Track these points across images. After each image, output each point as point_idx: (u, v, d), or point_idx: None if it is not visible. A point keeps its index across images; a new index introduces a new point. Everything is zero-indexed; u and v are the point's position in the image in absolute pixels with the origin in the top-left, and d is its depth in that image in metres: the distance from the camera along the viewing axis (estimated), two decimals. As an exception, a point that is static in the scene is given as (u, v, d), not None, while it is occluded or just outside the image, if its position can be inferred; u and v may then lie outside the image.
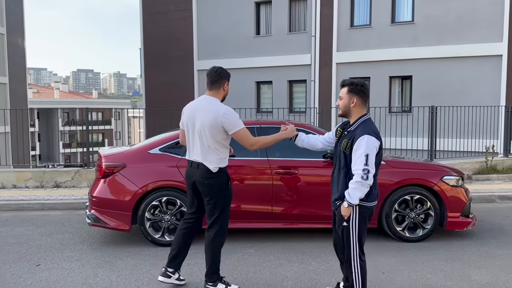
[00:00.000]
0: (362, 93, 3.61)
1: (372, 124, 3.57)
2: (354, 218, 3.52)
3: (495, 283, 4.33)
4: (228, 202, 4.03)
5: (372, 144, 3.42)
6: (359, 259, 3.58)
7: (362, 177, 3.37)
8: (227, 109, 3.89)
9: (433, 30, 15.56)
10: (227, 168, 4.05)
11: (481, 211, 7.48)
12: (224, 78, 4.02)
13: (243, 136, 3.88)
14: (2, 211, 7.59)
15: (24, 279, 4.47)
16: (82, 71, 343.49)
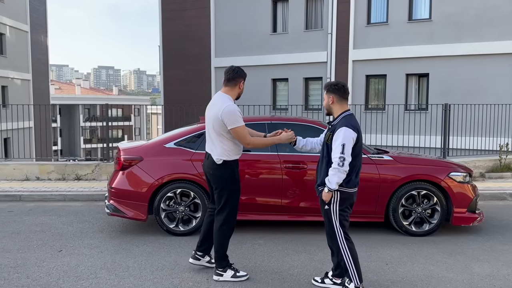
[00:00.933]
0: (338, 91, 4.00)
1: (352, 119, 3.93)
2: (335, 202, 3.89)
3: (495, 276, 4.46)
4: (234, 194, 4.23)
5: (349, 135, 3.79)
6: (345, 240, 3.89)
7: (338, 164, 3.75)
8: (231, 105, 4.11)
9: (450, 28, 15.48)
10: (235, 161, 4.25)
11: (491, 208, 7.56)
12: (240, 77, 4.29)
13: (239, 134, 4.10)
14: (27, 201, 7.98)
15: (48, 263, 4.78)
16: (103, 68, 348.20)
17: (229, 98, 4.21)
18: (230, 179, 4.21)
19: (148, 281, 4.29)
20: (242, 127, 4.11)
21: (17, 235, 5.82)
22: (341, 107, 4.00)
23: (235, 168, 4.26)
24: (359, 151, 3.93)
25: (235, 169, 4.26)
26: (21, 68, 29.27)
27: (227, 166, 4.19)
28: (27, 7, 29.89)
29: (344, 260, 3.87)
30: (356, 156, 3.88)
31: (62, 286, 4.17)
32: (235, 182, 4.24)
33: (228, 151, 4.17)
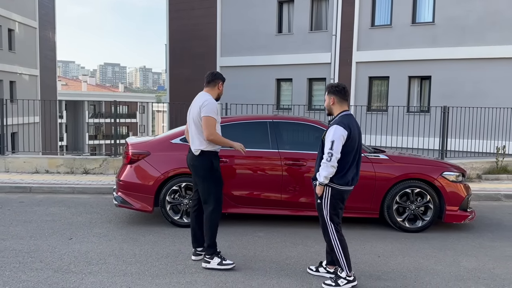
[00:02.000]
0: (338, 93, 4.26)
1: (347, 118, 4.16)
2: (326, 197, 4.15)
3: (481, 269, 4.72)
4: (215, 184, 4.53)
5: (339, 133, 4.03)
6: (336, 233, 4.15)
7: (326, 159, 4.02)
8: (210, 99, 4.53)
9: (453, 31, 15.69)
10: (213, 152, 4.54)
11: (485, 207, 7.81)
12: (219, 79, 4.70)
13: (208, 123, 4.43)
14: (37, 193, 8.29)
15: (59, 249, 5.07)
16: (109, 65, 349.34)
17: (208, 95, 4.60)
18: (209, 169, 4.52)
19: (153, 267, 4.58)
20: (213, 119, 4.44)
21: (29, 224, 6.12)
22: (340, 108, 4.24)
23: (213, 159, 4.55)
24: (351, 148, 4.10)
25: (214, 159, 4.55)
26: (29, 64, 29.69)
27: (205, 156, 4.51)
28: (36, 3, 30.30)
29: (335, 251, 4.14)
30: (348, 153, 4.08)
31: (73, 270, 4.46)
32: (214, 172, 4.53)
33: (205, 142, 4.50)
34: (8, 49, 27.55)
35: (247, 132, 6.36)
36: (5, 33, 27.04)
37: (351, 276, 4.13)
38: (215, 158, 4.58)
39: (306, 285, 4.22)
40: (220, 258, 4.55)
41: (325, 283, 4.15)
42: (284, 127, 6.34)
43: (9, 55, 27.53)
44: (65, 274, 4.34)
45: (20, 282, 4.15)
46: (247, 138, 6.27)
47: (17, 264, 4.60)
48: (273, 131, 6.21)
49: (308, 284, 4.24)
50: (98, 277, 4.30)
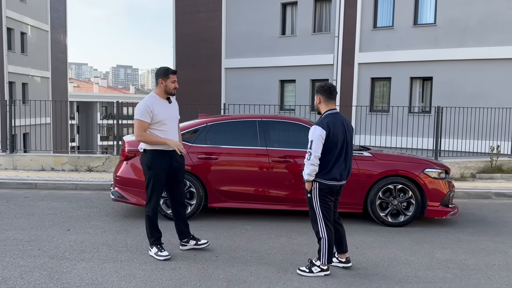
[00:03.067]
0: (324, 92, 4.47)
1: (329, 117, 4.37)
2: (315, 191, 4.41)
3: (453, 260, 4.95)
4: (151, 179, 4.79)
5: (317, 133, 4.28)
6: (324, 225, 4.40)
7: (307, 158, 4.33)
8: (143, 100, 4.77)
9: (454, 33, 15.83)
10: (156, 151, 4.76)
11: (474, 205, 8.01)
12: (158, 76, 4.82)
13: (135, 125, 4.72)
14: (42, 189, 8.68)
15: (57, 239, 5.42)
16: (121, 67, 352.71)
17: (152, 95, 4.84)
18: (147, 166, 4.81)
19: (142, 255, 4.90)
20: (139, 121, 4.67)
21: (31, 217, 6.49)
22: (326, 107, 4.45)
23: (154, 158, 4.77)
24: (333, 146, 4.30)
25: (153, 158, 4.77)
26: (41, 66, 30.38)
27: (146, 154, 4.81)
28: (47, 7, 31.00)
29: (321, 241, 4.39)
30: (330, 151, 4.29)
31: (67, 257, 4.80)
32: (151, 169, 4.78)
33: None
34: (21, 52, 28.26)
35: (237, 130, 6.66)
36: (18, 36, 27.75)
37: (326, 266, 4.38)
38: (156, 156, 4.77)
39: (281, 271, 4.50)
40: (157, 249, 4.81)
41: (300, 269, 4.42)
42: (272, 125, 6.63)
43: (22, 57, 28.23)
44: (60, 261, 4.68)
45: (18, 267, 4.49)
46: (237, 136, 6.59)
47: (17, 251, 4.95)
48: (261, 130, 6.50)
49: (284, 271, 4.52)
50: (89, 263, 4.63)
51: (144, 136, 4.72)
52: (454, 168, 10.12)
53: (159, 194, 4.91)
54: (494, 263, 4.88)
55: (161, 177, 4.84)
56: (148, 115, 4.69)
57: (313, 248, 5.24)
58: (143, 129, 4.69)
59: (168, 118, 4.82)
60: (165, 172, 4.85)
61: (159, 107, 4.77)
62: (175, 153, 4.86)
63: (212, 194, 6.38)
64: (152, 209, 4.88)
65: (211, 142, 6.50)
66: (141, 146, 4.91)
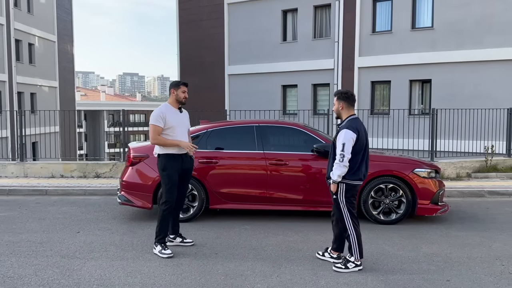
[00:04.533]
0: (347, 99, 4.81)
1: (355, 122, 4.71)
2: (341, 192, 4.71)
3: (438, 254, 5.26)
4: (165, 182, 5.24)
5: (349, 136, 4.58)
6: (352, 223, 4.71)
7: (339, 160, 4.58)
8: (158, 108, 5.27)
9: (452, 35, 16.12)
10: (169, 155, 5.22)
11: (466, 203, 8.30)
12: (170, 87, 5.37)
13: (150, 130, 5.21)
14: (52, 195, 9.09)
15: (67, 241, 5.80)
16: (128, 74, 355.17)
17: (165, 104, 5.35)
18: (162, 169, 5.27)
19: (147, 253, 5.26)
20: (153, 126, 5.17)
21: (43, 221, 6.89)
22: (348, 112, 4.79)
23: (168, 161, 5.24)
24: (360, 148, 4.65)
25: (168, 161, 5.24)
26: (48, 76, 31.03)
27: (160, 158, 5.28)
28: (54, 18, 31.69)
29: (350, 239, 4.71)
30: (357, 153, 4.64)
31: (78, 256, 5.17)
32: (165, 171, 5.23)
33: (158, 147, 5.28)
34: (29, 63, 28.91)
35: (236, 135, 7.02)
36: (26, 47, 28.40)
37: (359, 261, 4.70)
38: (169, 160, 5.25)
39: (276, 266, 4.84)
40: (161, 247, 5.18)
41: (336, 266, 4.71)
42: (269, 130, 6.99)
43: (29, 68, 28.88)
44: (71, 259, 5.05)
45: (33, 265, 4.87)
46: (236, 141, 6.96)
47: (30, 252, 5.33)
48: (259, 134, 6.85)
49: (278, 265, 4.85)
50: (98, 261, 5.00)
51: (158, 139, 5.19)
52: (450, 168, 10.41)
53: (173, 193, 5.31)
54: (477, 256, 5.18)
55: (175, 178, 5.30)
56: (161, 120, 5.19)
57: (307, 245, 5.58)
58: (157, 133, 5.19)
59: (178, 125, 5.31)
60: (177, 173, 5.31)
61: (170, 114, 5.28)
62: (185, 157, 5.35)
63: (213, 196, 6.74)
64: (168, 207, 5.28)
65: (212, 147, 6.87)
66: (156, 151, 5.34)
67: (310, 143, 6.72)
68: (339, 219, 4.83)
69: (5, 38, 25.78)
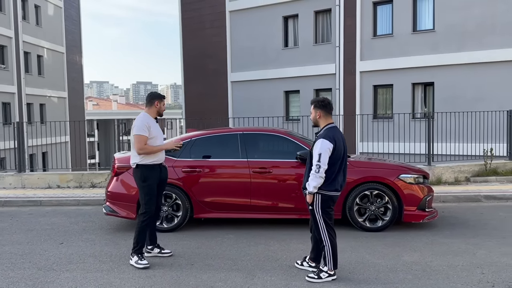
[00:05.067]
0: (324, 107, 4.71)
1: (332, 131, 4.60)
2: (318, 203, 4.59)
3: (418, 262, 5.13)
4: (145, 192, 5.20)
5: (325, 146, 4.48)
6: (328, 234, 4.60)
7: (315, 171, 4.46)
8: (139, 116, 5.25)
9: (453, 37, 15.91)
10: (148, 165, 5.19)
11: (460, 208, 8.14)
12: (154, 99, 5.32)
13: (135, 140, 5.15)
14: (46, 206, 9.16)
15: (49, 252, 5.81)
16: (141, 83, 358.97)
17: (145, 114, 5.30)
18: (142, 180, 5.22)
19: (123, 265, 5.24)
20: (139, 136, 5.11)
21: (30, 232, 6.93)
22: (325, 121, 4.68)
23: (146, 171, 5.20)
24: (337, 158, 4.54)
25: (146, 172, 5.19)
26: (57, 87, 31.46)
27: (138, 169, 5.22)
28: (62, 30, 32.18)
29: (325, 249, 4.60)
30: (334, 163, 4.52)
31: (54, 268, 5.18)
32: (146, 181, 5.18)
33: (139, 156, 5.21)
34: (38, 74, 29.37)
35: (220, 144, 6.99)
36: (34, 59, 28.88)
37: (333, 271, 4.59)
38: (147, 170, 5.22)
39: (249, 276, 4.77)
40: (138, 258, 5.15)
41: (309, 276, 4.62)
42: (252, 138, 6.93)
43: (38, 79, 29.34)
44: (47, 272, 5.06)
45: (8, 278, 4.88)
46: (220, 150, 6.92)
47: (9, 264, 5.35)
48: (243, 142, 6.81)
49: (252, 276, 4.79)
50: (73, 273, 4.99)
51: (145, 148, 5.16)
52: (448, 173, 10.22)
53: (152, 204, 5.29)
54: (458, 264, 5.05)
55: (154, 188, 5.28)
56: (146, 130, 5.19)
57: (286, 254, 5.50)
58: (144, 142, 5.16)
59: (159, 135, 5.35)
60: (156, 184, 5.30)
61: (152, 124, 5.30)
62: (162, 167, 5.39)
63: (197, 206, 6.71)
64: (147, 218, 5.25)
65: (195, 155, 6.84)
66: (133, 161, 5.29)
67: (294, 150, 6.64)
68: (315, 230, 4.74)
69: (14, 51, 26.26)
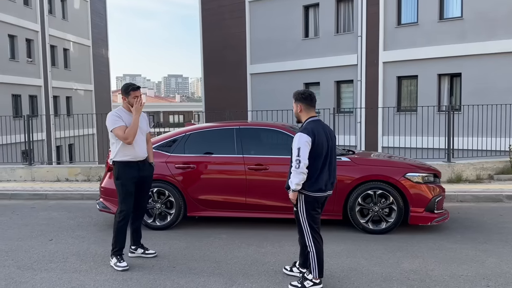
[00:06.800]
0: (304, 100, 4.31)
1: (312, 124, 4.20)
2: (301, 205, 4.21)
3: (418, 270, 4.67)
4: (119, 191, 4.95)
5: (303, 139, 4.07)
6: (312, 238, 4.20)
7: (295, 166, 4.06)
8: (110, 112, 4.94)
9: (482, 25, 14.99)
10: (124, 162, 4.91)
11: (479, 209, 7.56)
12: (122, 93, 5.01)
13: (116, 134, 4.84)
14: (51, 199, 9.11)
15: (35, 249, 5.66)
16: (173, 76, 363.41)
17: (120, 109, 5.00)
18: (115, 177, 4.97)
19: (104, 265, 5.01)
20: (115, 129, 4.83)
21: (25, 227, 6.82)
22: (307, 114, 4.29)
23: (120, 169, 4.93)
24: (319, 154, 4.11)
25: (121, 169, 4.93)
26: (84, 80, 31.90)
27: (116, 166, 4.96)
28: (89, 23, 32.55)
29: (310, 255, 4.22)
30: (316, 159, 4.09)
31: (34, 267, 5.00)
32: (119, 179, 4.94)
33: (116, 153, 4.93)
34: (64, 67, 29.82)
35: (215, 139, 6.67)
36: (61, 52, 29.32)
37: (318, 279, 4.19)
38: (124, 167, 4.94)
39: (229, 282, 4.44)
40: (117, 260, 4.90)
41: (292, 284, 4.26)
42: (249, 133, 6.57)
43: (65, 72, 29.79)
44: (25, 271, 4.88)
45: (-16, 277, 4.74)
46: (215, 145, 6.60)
47: (-9, 261, 5.22)
48: (239, 137, 6.46)
49: (232, 282, 4.46)
50: (50, 273, 4.80)
51: (128, 134, 4.82)
52: (469, 170, 9.57)
53: (129, 204, 5.01)
54: (462, 273, 4.56)
55: (129, 187, 4.98)
56: (119, 119, 4.90)
57: (276, 258, 5.15)
58: (123, 130, 4.85)
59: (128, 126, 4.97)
60: (132, 182, 4.99)
61: (125, 117, 4.96)
62: (142, 164, 5.04)
63: (190, 203, 6.42)
64: (123, 218, 5.00)
65: (190, 151, 6.55)
66: (111, 158, 5.06)
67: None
68: (299, 234, 4.36)
69: (40, 45, 26.70)
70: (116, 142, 4.96)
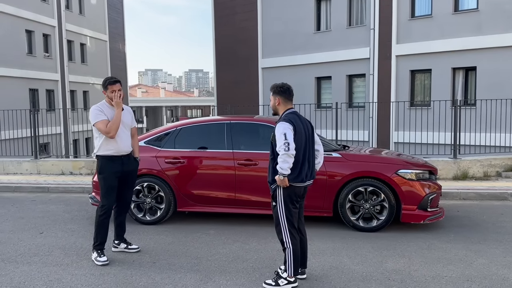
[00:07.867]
0: (283, 93, 4.25)
1: (290, 115, 4.14)
2: (280, 199, 4.13)
3: (401, 270, 4.51)
4: (101, 185, 4.93)
5: (286, 125, 4.01)
6: (289, 234, 4.11)
7: (284, 149, 3.93)
8: (93, 106, 4.92)
9: (499, 17, 14.49)
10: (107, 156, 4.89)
11: (480, 207, 7.32)
12: (102, 87, 5.03)
13: (99, 128, 4.82)
14: (52, 192, 9.21)
15: (23, 242, 5.71)
16: (193, 71, 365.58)
17: (103, 103, 4.98)
18: (98, 171, 4.94)
19: (85, 259, 5.01)
20: (97, 123, 4.81)
21: (20, 220, 6.90)
22: (285, 107, 4.24)
23: (103, 163, 4.89)
24: (299, 146, 4.04)
25: (103, 163, 4.90)
26: (100, 75, 32.20)
27: (98, 160, 4.93)
28: (105, 18, 32.86)
29: (286, 252, 4.13)
30: (297, 151, 4.00)
31: (18, 260, 5.04)
32: (101, 174, 4.91)
33: (99, 147, 4.90)
34: (81, 62, 30.21)
35: (205, 133, 6.61)
36: (78, 47, 29.70)
37: (293, 278, 4.10)
38: (107, 161, 4.92)
39: (204, 279, 4.38)
40: (97, 254, 4.89)
41: (266, 282, 4.18)
42: (240, 127, 6.47)
43: (82, 67, 30.18)
44: (7, 264, 4.92)
45: (-33, 269, 4.79)
46: (205, 140, 6.54)
47: (-22, 254, 5.28)
48: (229, 132, 6.37)
49: (207, 279, 4.39)
50: (32, 266, 4.82)
51: (111, 127, 4.81)
52: (476, 166, 9.26)
53: (111, 198, 4.98)
54: (447, 274, 4.39)
55: (111, 182, 4.96)
56: (101, 113, 4.88)
57: (258, 255, 5.06)
58: (105, 124, 4.83)
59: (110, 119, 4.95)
60: (115, 177, 4.97)
61: (107, 111, 4.94)
62: (126, 158, 5.01)
63: (180, 198, 6.38)
64: (104, 213, 4.98)
65: (180, 146, 6.50)
66: (94, 152, 5.05)
67: (284, 141, 6.11)
68: (277, 228, 4.25)
69: (57, 40, 27.08)
70: (99, 136, 4.95)
